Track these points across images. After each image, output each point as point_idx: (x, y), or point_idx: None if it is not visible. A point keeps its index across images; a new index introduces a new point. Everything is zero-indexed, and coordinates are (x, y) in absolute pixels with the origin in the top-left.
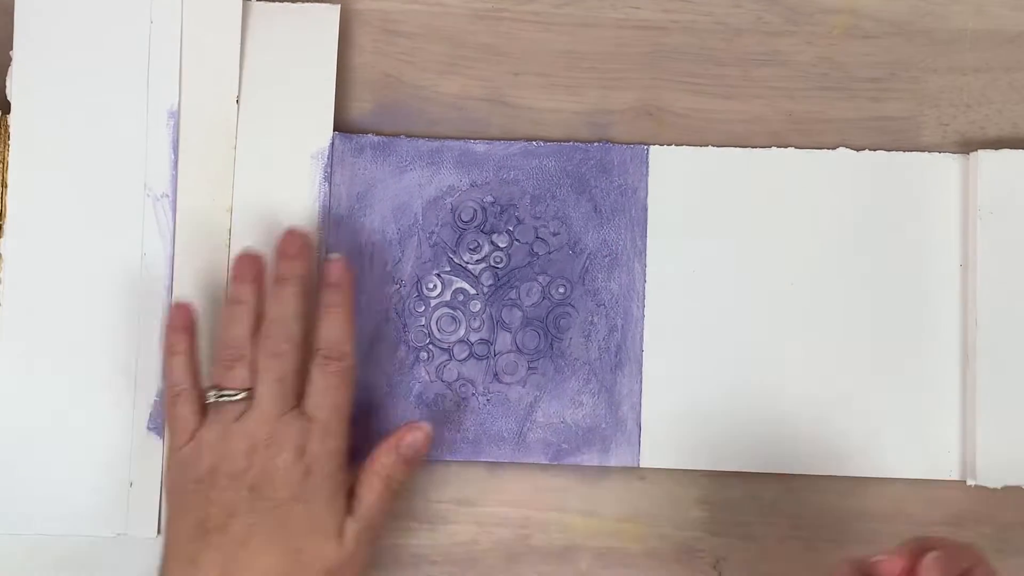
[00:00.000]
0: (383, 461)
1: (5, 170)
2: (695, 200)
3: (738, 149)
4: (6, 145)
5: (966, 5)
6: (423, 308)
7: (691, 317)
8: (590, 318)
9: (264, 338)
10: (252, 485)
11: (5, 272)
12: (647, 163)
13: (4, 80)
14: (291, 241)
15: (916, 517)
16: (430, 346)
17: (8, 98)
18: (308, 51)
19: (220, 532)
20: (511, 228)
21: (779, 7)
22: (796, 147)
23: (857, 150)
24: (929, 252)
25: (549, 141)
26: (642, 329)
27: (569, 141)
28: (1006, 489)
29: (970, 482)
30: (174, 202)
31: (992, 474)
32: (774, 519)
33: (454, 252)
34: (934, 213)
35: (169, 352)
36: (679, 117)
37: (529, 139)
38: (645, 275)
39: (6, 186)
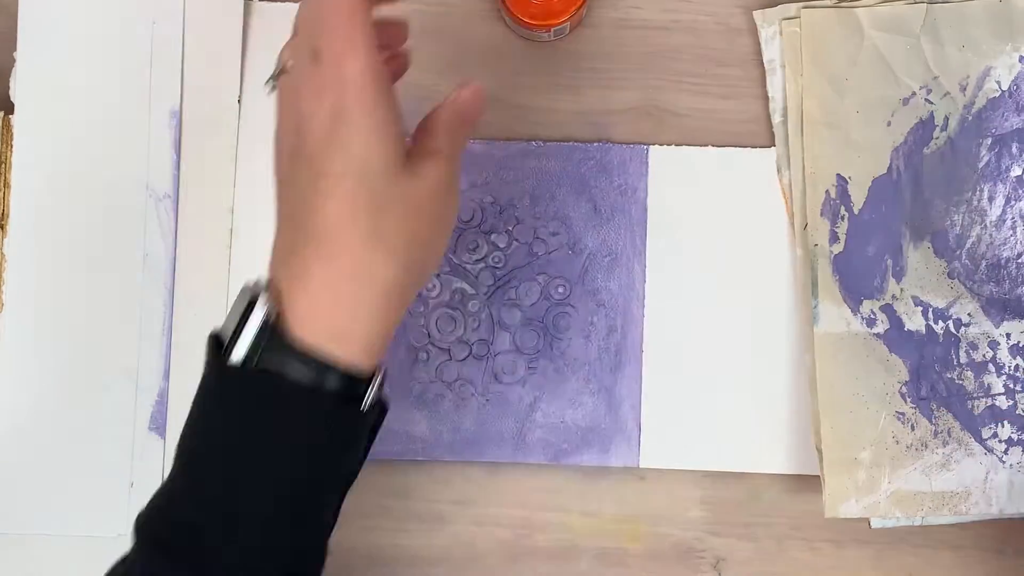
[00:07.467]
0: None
1: (8, 170)
2: (695, 200)
3: (738, 149)
4: (9, 146)
5: None
6: (422, 308)
7: (691, 317)
8: (590, 318)
9: None
10: None
11: (8, 272)
12: (647, 163)
13: (7, 81)
14: None
15: None
16: (429, 346)
17: (11, 99)
18: None
19: None
20: (510, 228)
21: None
22: None
23: None
24: None
25: (549, 141)
26: (642, 329)
27: (569, 141)
28: None
29: None
30: (176, 202)
31: None
32: (774, 519)
33: (453, 252)
34: None
35: None
36: (679, 117)
37: (529, 139)
38: (645, 275)
39: (9, 186)
